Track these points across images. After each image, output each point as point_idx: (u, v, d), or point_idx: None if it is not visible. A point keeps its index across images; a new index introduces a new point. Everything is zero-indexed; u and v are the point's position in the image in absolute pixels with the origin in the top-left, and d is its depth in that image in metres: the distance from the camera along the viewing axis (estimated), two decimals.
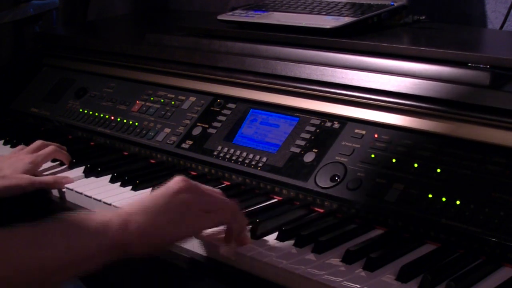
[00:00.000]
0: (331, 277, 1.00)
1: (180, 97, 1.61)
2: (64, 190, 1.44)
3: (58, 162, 1.57)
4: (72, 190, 1.42)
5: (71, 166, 1.55)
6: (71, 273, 1.01)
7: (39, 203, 1.49)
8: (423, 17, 1.62)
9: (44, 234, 0.97)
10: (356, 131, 1.29)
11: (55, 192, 1.46)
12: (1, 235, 0.94)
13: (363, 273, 1.02)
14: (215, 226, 1.11)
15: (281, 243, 1.13)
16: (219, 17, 1.72)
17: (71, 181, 1.46)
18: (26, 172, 1.47)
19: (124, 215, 1.03)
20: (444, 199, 1.11)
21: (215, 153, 1.43)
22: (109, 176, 1.45)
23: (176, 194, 1.07)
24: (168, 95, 1.64)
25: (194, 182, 1.11)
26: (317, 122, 1.35)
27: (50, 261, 0.95)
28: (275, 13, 1.67)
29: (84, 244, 0.98)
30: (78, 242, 0.98)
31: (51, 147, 1.54)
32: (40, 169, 1.52)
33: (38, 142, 1.56)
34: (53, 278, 0.97)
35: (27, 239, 0.96)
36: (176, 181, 1.09)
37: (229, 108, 1.50)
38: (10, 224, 0.95)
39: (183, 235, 1.08)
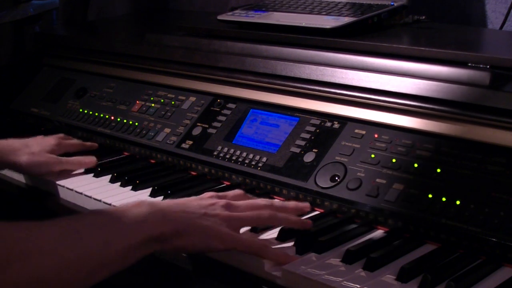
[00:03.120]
0: (331, 277, 1.00)
1: (180, 97, 1.61)
2: (64, 186, 1.44)
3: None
4: (72, 190, 1.42)
5: None
6: (113, 269, 0.96)
7: (36, 205, 1.49)
8: (423, 17, 1.62)
9: (81, 225, 0.95)
10: (356, 131, 1.29)
11: (54, 191, 1.46)
12: (39, 226, 0.91)
13: (363, 273, 1.02)
14: (248, 249, 1.08)
15: (281, 243, 1.13)
16: (219, 17, 1.72)
17: (94, 161, 1.50)
18: (52, 151, 1.51)
19: (162, 209, 1.03)
20: (444, 199, 1.11)
21: (215, 153, 1.43)
22: (109, 176, 1.45)
23: (210, 206, 1.08)
24: (168, 95, 1.64)
25: (225, 196, 1.14)
26: (317, 122, 1.35)
27: (91, 254, 0.92)
28: (275, 13, 1.67)
29: (125, 236, 0.96)
30: (119, 234, 0.96)
31: (77, 140, 1.62)
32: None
33: (62, 134, 1.62)
34: (94, 275, 0.93)
35: (65, 230, 0.92)
36: (210, 196, 1.12)
37: (229, 108, 1.50)
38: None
39: (212, 248, 1.06)
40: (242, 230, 1.15)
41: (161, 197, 1.33)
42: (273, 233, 1.16)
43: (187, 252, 1.12)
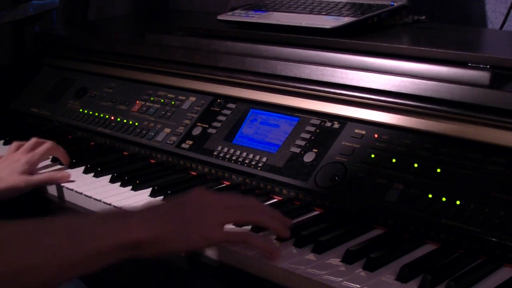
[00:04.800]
0: (331, 277, 1.00)
1: (180, 97, 1.61)
2: (63, 186, 1.44)
3: (58, 162, 1.57)
4: (72, 190, 1.42)
5: (71, 166, 1.54)
6: (77, 272, 0.97)
7: (36, 205, 1.49)
8: (423, 17, 1.62)
9: (47, 227, 0.95)
10: (356, 131, 1.29)
11: (54, 191, 1.46)
12: (2, 228, 0.91)
13: (363, 273, 1.02)
14: (230, 241, 1.09)
15: (281, 243, 1.13)
16: (219, 17, 1.72)
17: (67, 175, 1.46)
18: (24, 172, 1.46)
19: (143, 215, 1.02)
20: (444, 199, 1.11)
21: (215, 153, 1.43)
22: (109, 176, 1.45)
23: (194, 205, 1.06)
24: (168, 95, 1.64)
25: (214, 194, 1.12)
26: (317, 122, 1.35)
27: (55, 256, 0.92)
28: (275, 13, 1.67)
29: (96, 241, 0.95)
30: (88, 239, 0.95)
31: (46, 145, 1.52)
32: (39, 166, 1.52)
33: (33, 140, 1.54)
34: (60, 276, 0.94)
35: (30, 230, 0.93)
36: (194, 193, 1.09)
37: (229, 108, 1.50)
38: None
39: (195, 246, 1.06)
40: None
41: (161, 197, 1.33)
42: (273, 235, 1.16)
43: (170, 254, 1.11)
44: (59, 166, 1.55)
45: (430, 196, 1.13)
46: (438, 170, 1.15)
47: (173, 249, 1.04)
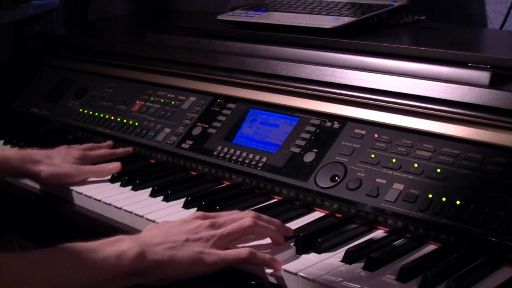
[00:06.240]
0: (331, 277, 1.00)
1: (180, 97, 1.61)
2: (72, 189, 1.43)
3: None
4: (72, 190, 1.42)
5: None
6: None
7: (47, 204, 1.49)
8: (423, 17, 1.62)
9: (55, 257, 0.97)
10: (356, 131, 1.29)
11: (54, 191, 1.46)
12: (10, 259, 0.93)
13: (363, 273, 1.02)
14: (234, 261, 1.08)
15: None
16: (219, 17, 1.72)
17: (117, 167, 1.45)
18: (74, 164, 1.47)
19: (142, 244, 1.03)
20: (444, 199, 1.11)
21: (215, 153, 1.43)
22: (109, 176, 1.45)
23: (194, 229, 1.08)
24: (168, 95, 1.64)
25: (212, 215, 1.13)
26: (317, 122, 1.35)
27: (60, 287, 0.94)
28: (275, 13, 1.67)
29: (97, 270, 0.97)
30: (91, 268, 0.97)
31: (105, 150, 1.55)
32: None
33: (90, 144, 1.59)
34: None
35: (37, 262, 0.94)
36: (195, 217, 1.11)
37: (229, 108, 1.50)
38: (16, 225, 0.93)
39: (199, 272, 1.06)
40: None
41: (161, 197, 1.32)
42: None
43: (173, 282, 1.11)
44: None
45: (430, 196, 1.13)
46: (438, 170, 1.15)
47: (176, 276, 1.04)
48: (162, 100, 1.63)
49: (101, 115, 1.71)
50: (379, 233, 1.16)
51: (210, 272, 1.06)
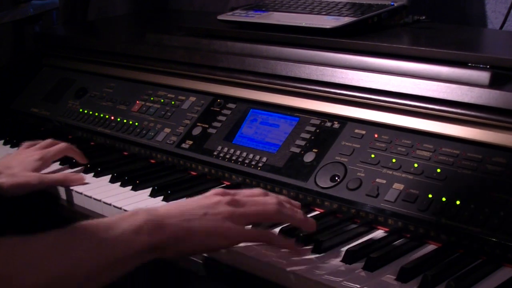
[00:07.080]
0: (331, 277, 1.00)
1: (180, 97, 1.61)
2: (72, 189, 1.42)
3: (67, 165, 1.55)
4: (72, 190, 1.42)
5: (71, 166, 1.54)
6: (103, 280, 0.96)
7: (46, 203, 1.48)
8: (423, 17, 1.62)
9: (70, 238, 0.94)
10: (356, 131, 1.29)
11: (55, 191, 1.46)
12: (24, 241, 0.91)
13: (363, 273, 1.02)
14: (254, 240, 1.08)
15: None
16: (219, 17, 1.72)
17: (82, 178, 1.43)
18: (36, 169, 1.44)
19: (159, 217, 1.01)
20: (444, 199, 1.11)
21: (215, 153, 1.43)
22: (109, 176, 1.45)
23: (214, 205, 1.05)
24: (168, 95, 1.64)
25: (232, 193, 1.10)
26: (317, 122, 1.35)
27: (79, 267, 0.92)
28: (275, 13, 1.67)
29: (116, 248, 0.95)
30: (109, 246, 0.95)
31: (61, 144, 1.51)
32: (49, 169, 1.50)
33: (48, 140, 1.53)
34: (86, 285, 0.93)
35: (52, 243, 0.92)
36: (214, 193, 1.08)
37: (229, 108, 1.50)
38: (16, 224, 0.92)
39: (217, 246, 1.05)
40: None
41: (161, 197, 1.32)
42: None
43: (191, 255, 1.11)
44: (69, 170, 1.53)
45: (430, 196, 1.13)
46: (438, 170, 1.15)
47: (193, 249, 1.03)
48: (162, 100, 1.63)
49: (101, 115, 1.71)
50: (379, 233, 1.16)
51: (227, 247, 1.05)
